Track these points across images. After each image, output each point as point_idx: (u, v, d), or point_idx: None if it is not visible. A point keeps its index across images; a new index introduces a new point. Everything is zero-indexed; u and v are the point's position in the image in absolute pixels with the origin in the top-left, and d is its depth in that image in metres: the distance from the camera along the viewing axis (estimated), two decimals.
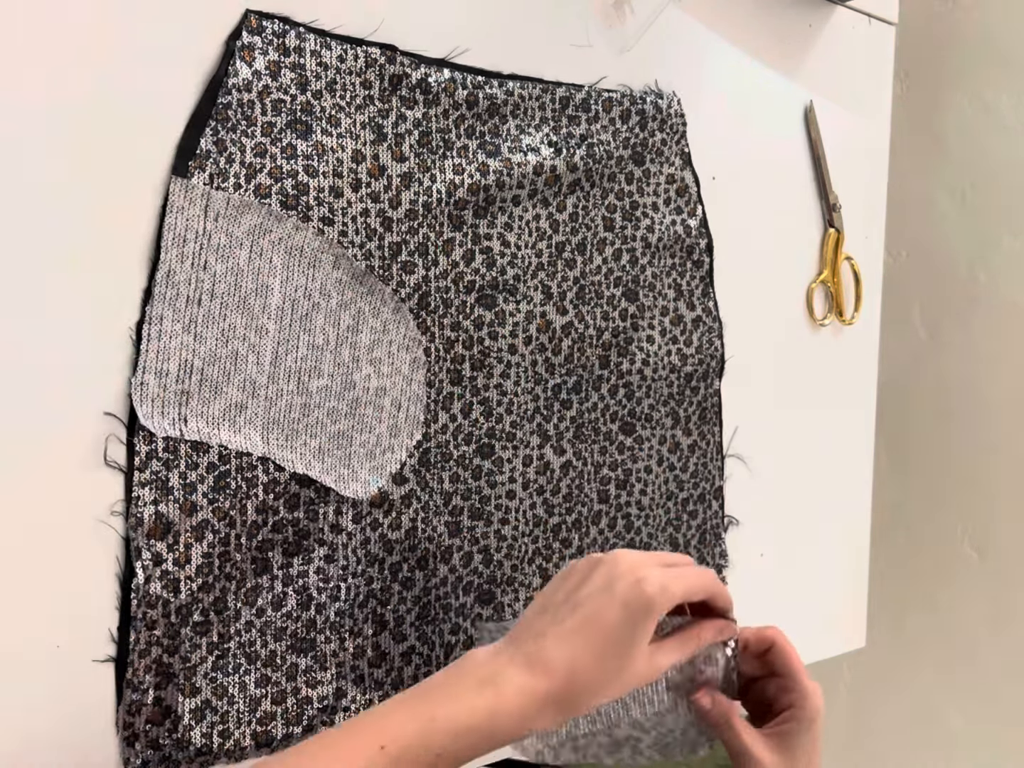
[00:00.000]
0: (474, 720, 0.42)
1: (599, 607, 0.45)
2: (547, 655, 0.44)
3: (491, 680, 0.43)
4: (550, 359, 0.67)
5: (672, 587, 0.45)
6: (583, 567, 0.48)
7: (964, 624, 1.11)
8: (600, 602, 0.45)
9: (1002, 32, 1.04)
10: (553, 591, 0.47)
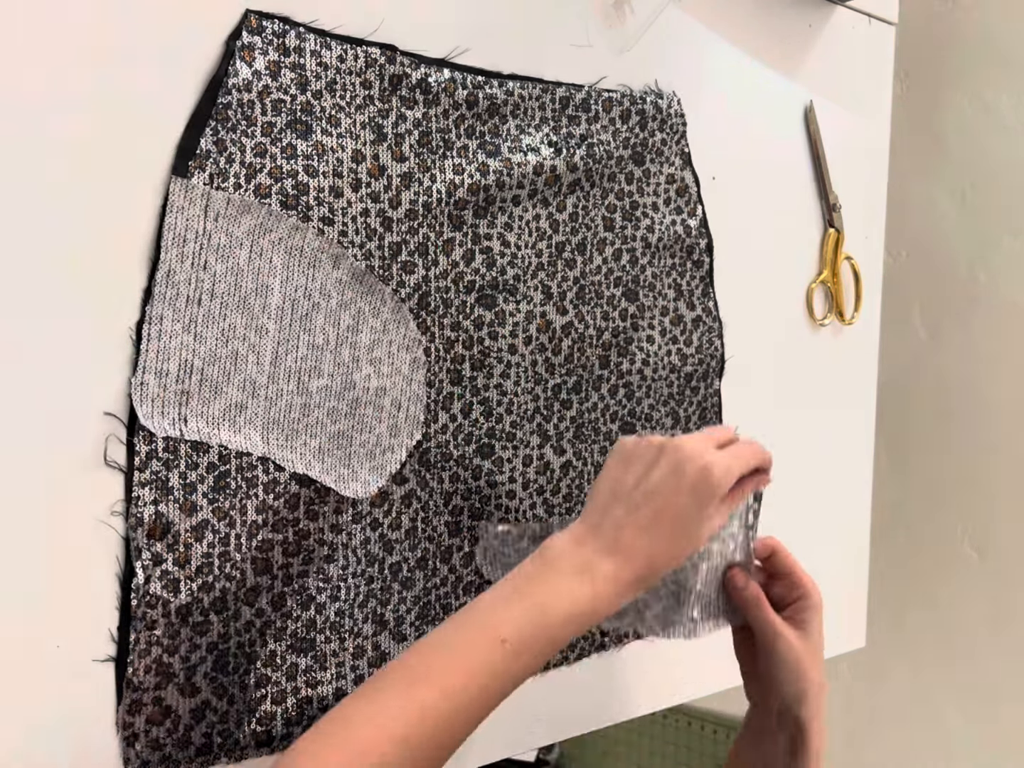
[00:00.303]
0: (577, 608, 0.47)
1: (671, 495, 0.49)
2: (629, 544, 0.48)
3: (586, 570, 0.48)
4: (550, 359, 0.67)
5: (733, 468, 0.50)
6: (646, 453, 0.51)
7: (964, 624, 1.11)
8: (671, 490, 0.49)
9: (1002, 32, 1.04)
10: (620, 477, 0.51)
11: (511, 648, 0.45)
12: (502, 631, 0.45)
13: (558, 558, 0.48)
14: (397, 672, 0.45)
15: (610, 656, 0.73)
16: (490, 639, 0.45)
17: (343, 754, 0.42)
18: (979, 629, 1.10)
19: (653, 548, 0.49)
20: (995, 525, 1.08)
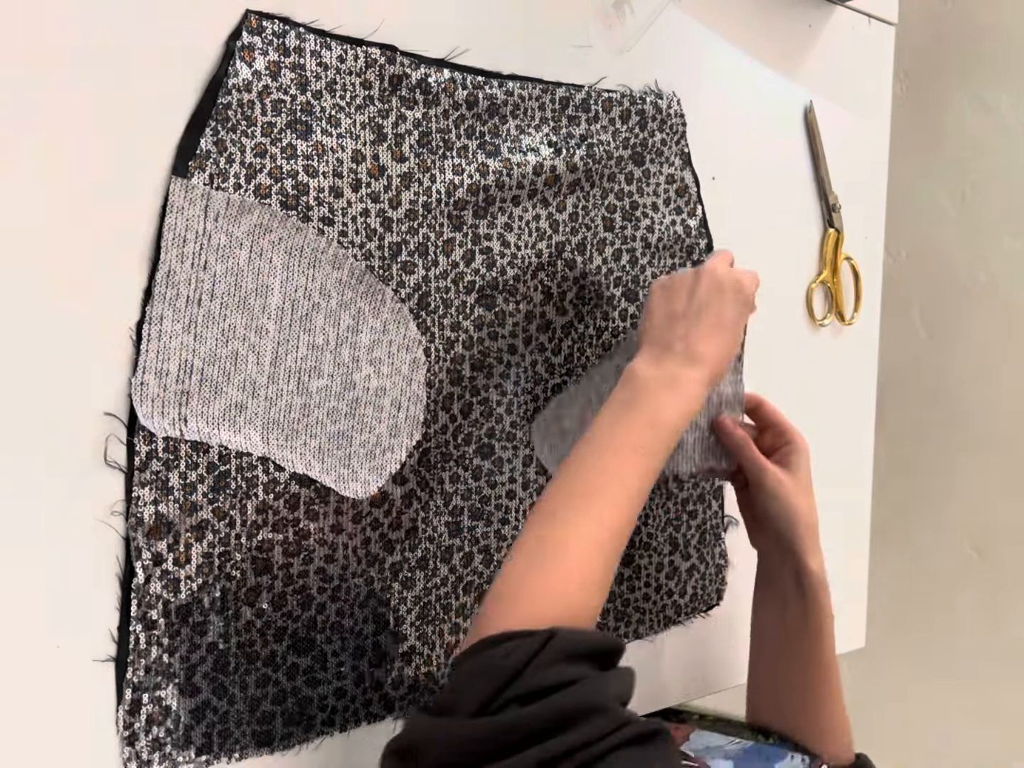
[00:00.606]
0: (677, 414, 0.55)
1: (719, 308, 0.58)
2: (698, 350, 0.57)
3: (673, 383, 0.56)
4: (550, 359, 0.67)
5: (753, 280, 0.61)
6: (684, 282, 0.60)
7: (964, 624, 1.11)
8: (719, 304, 0.58)
9: (1002, 32, 1.04)
10: (670, 305, 0.59)
11: (643, 452, 0.54)
12: (632, 443, 0.54)
13: (648, 381, 0.56)
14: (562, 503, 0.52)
15: None
16: (626, 452, 0.53)
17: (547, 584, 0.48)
18: (979, 629, 1.10)
19: (716, 350, 0.58)
20: (995, 525, 1.08)
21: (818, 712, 0.67)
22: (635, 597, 0.74)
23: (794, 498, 0.65)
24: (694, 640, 0.79)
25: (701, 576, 0.78)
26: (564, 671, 0.43)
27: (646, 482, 0.54)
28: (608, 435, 0.54)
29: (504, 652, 0.44)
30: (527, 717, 0.42)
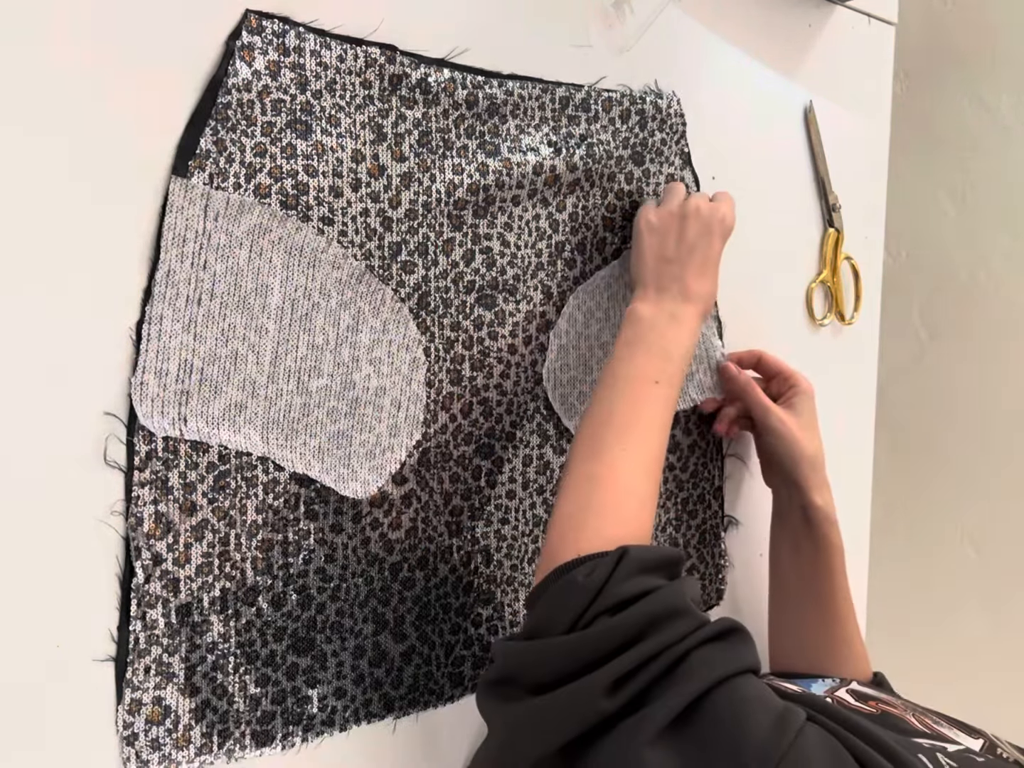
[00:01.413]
0: (684, 347, 0.60)
1: (707, 247, 0.63)
2: (692, 288, 0.62)
3: (674, 319, 0.60)
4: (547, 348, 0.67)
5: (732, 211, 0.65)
6: (672, 222, 0.63)
7: (963, 623, 1.11)
8: (707, 243, 0.63)
9: (1002, 32, 1.04)
10: (661, 245, 0.63)
11: (662, 383, 0.58)
12: (649, 375, 0.58)
13: (652, 319, 0.60)
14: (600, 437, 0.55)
15: None
16: (647, 384, 0.57)
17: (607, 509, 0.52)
18: (978, 628, 1.10)
19: (708, 286, 0.63)
20: (994, 524, 1.08)
21: (836, 640, 0.71)
22: None
23: (797, 436, 0.70)
24: None
25: (701, 576, 0.78)
26: (642, 582, 0.47)
27: (670, 411, 0.59)
28: (626, 371, 0.58)
29: (585, 572, 0.47)
30: (617, 626, 0.45)
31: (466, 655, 0.65)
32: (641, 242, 0.64)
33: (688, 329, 0.61)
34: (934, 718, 0.57)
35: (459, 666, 0.65)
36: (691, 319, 0.61)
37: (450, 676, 0.64)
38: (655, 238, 0.63)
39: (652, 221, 0.64)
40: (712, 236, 0.63)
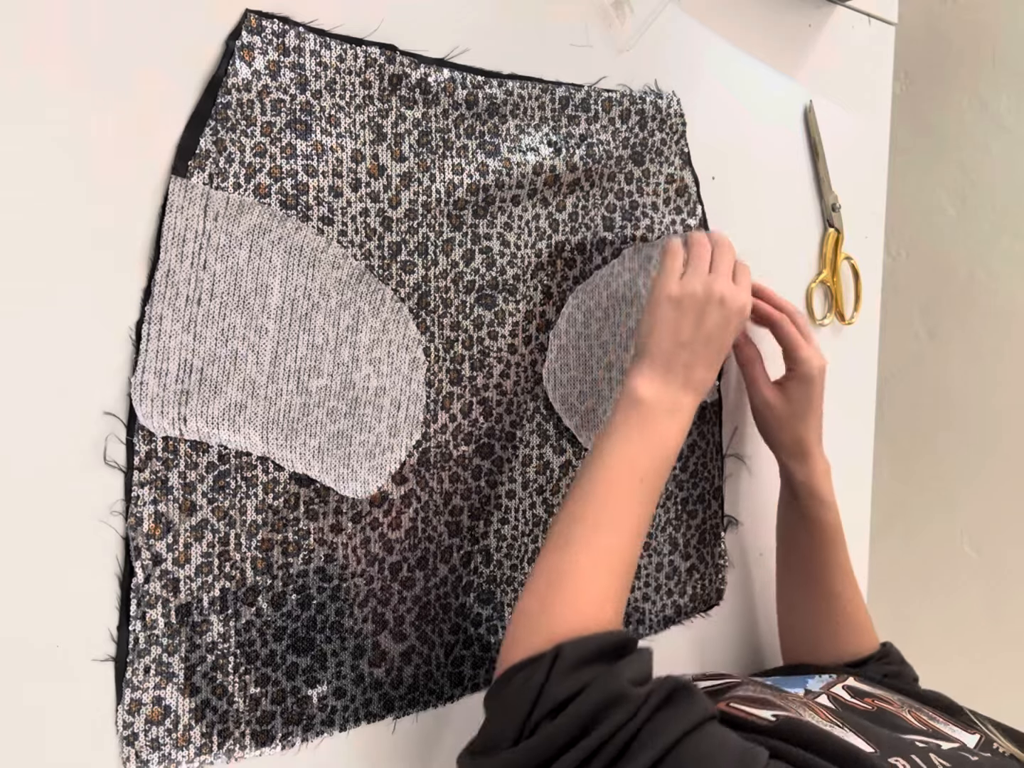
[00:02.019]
0: (678, 439, 0.59)
1: (722, 339, 0.61)
2: (698, 378, 0.60)
3: (676, 409, 0.59)
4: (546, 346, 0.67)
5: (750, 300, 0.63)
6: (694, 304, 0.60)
7: (963, 623, 1.11)
8: (723, 333, 0.61)
9: (1002, 32, 1.04)
10: (678, 326, 0.60)
11: (647, 482, 0.57)
12: (636, 472, 0.56)
13: (653, 405, 0.58)
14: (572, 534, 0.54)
15: None
16: (632, 480, 0.56)
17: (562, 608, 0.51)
18: (978, 628, 1.09)
19: (712, 377, 0.62)
20: (994, 524, 1.08)
21: (836, 615, 0.73)
22: (635, 597, 0.74)
23: (774, 425, 0.72)
24: (694, 640, 0.79)
25: (701, 576, 0.78)
26: (580, 677, 0.47)
27: (651, 507, 0.58)
28: (614, 463, 0.57)
29: (522, 680, 0.48)
30: (557, 729, 0.46)
31: (466, 655, 0.65)
32: (659, 315, 0.61)
33: (684, 425, 0.59)
34: (929, 714, 0.57)
35: (459, 666, 0.65)
36: (689, 412, 0.60)
37: (450, 676, 0.64)
38: (674, 315, 0.60)
39: (675, 296, 0.60)
40: (729, 328, 0.61)
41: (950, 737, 0.54)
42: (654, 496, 0.58)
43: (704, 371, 0.60)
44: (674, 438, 0.59)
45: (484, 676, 0.66)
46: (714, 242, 0.64)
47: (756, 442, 0.82)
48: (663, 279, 0.62)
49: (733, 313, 0.61)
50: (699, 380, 0.60)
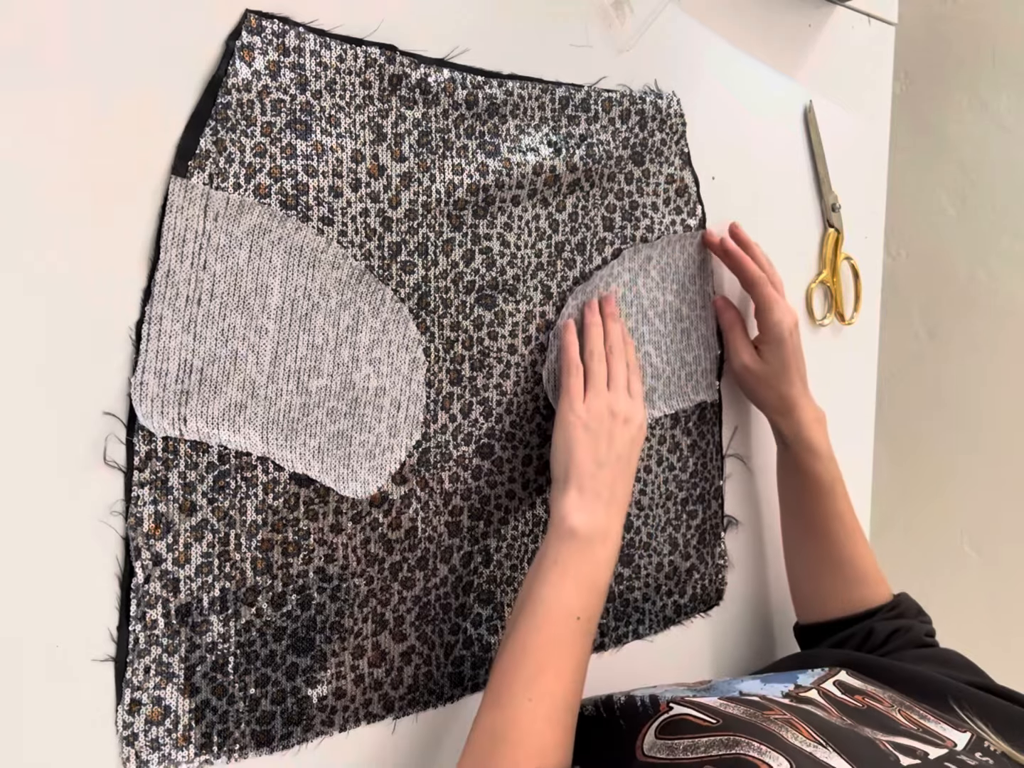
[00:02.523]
0: (609, 571, 0.59)
1: (634, 453, 0.63)
2: (620, 495, 0.61)
3: (607, 534, 0.59)
4: (550, 359, 0.67)
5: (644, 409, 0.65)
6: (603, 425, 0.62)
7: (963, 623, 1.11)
8: (634, 450, 0.63)
9: (1002, 32, 1.04)
10: (595, 447, 0.61)
11: (584, 619, 0.56)
12: (573, 611, 0.56)
13: (587, 536, 0.58)
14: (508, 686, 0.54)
15: (609, 656, 0.73)
16: (569, 620, 0.56)
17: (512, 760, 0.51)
18: (979, 628, 1.09)
19: (630, 492, 0.63)
20: (994, 525, 1.08)
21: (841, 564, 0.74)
22: (635, 597, 0.74)
23: (755, 386, 0.75)
24: (694, 640, 0.79)
25: (701, 576, 0.78)
26: None
27: (589, 645, 0.57)
28: (551, 603, 0.56)
29: None
30: None
31: (466, 655, 0.65)
32: (574, 438, 0.61)
33: (615, 546, 0.60)
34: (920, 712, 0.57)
35: (459, 666, 0.65)
36: (618, 533, 0.60)
37: (450, 676, 0.64)
38: (588, 437, 0.61)
39: (583, 420, 0.62)
40: (636, 444, 0.63)
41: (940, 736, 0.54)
42: (592, 631, 0.57)
43: (624, 487, 0.62)
44: (609, 566, 0.59)
45: (484, 676, 0.66)
46: (609, 347, 0.66)
47: (756, 442, 0.82)
48: (567, 403, 0.63)
49: (636, 429, 0.63)
50: (623, 497, 0.61)
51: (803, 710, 0.56)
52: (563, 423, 0.62)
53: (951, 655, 0.68)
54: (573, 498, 0.59)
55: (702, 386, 0.76)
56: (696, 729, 0.53)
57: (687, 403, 0.75)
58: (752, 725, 0.52)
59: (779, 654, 0.86)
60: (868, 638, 0.71)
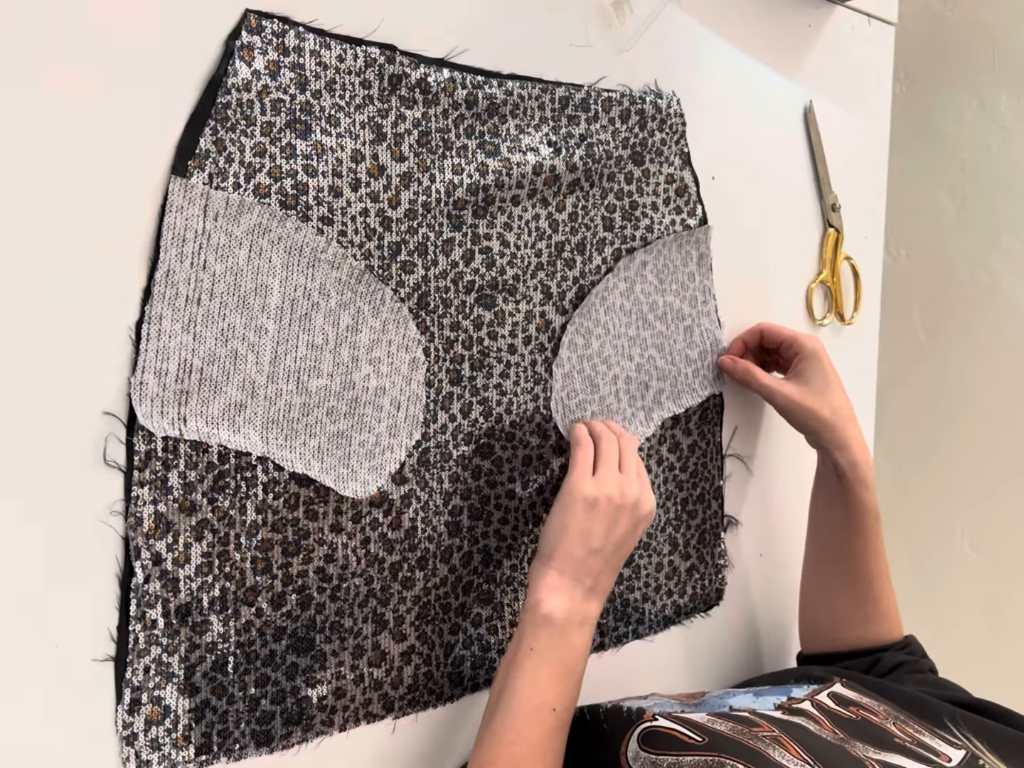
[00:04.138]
0: (584, 659, 0.57)
1: (631, 542, 0.60)
2: (605, 585, 0.59)
3: (585, 621, 0.57)
4: (549, 359, 0.67)
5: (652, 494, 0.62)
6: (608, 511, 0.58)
7: (963, 624, 1.11)
8: (632, 537, 0.60)
9: (1002, 32, 1.04)
10: (589, 530, 0.58)
11: (560, 709, 0.55)
12: (549, 702, 0.55)
13: (564, 623, 0.56)
14: None
15: (609, 656, 0.73)
16: (544, 712, 0.54)
17: None
18: (978, 629, 1.09)
19: (615, 576, 0.61)
20: (994, 525, 1.08)
21: (863, 598, 0.73)
22: (635, 597, 0.74)
23: (808, 407, 0.71)
24: (694, 640, 0.79)
25: (701, 576, 0.78)
26: None
27: (565, 734, 0.56)
28: (526, 696, 0.55)
29: None
30: None
31: (466, 655, 0.65)
32: (571, 516, 0.58)
33: (590, 634, 0.58)
34: (915, 727, 0.56)
35: (459, 666, 0.65)
36: (594, 620, 0.58)
37: (450, 676, 0.64)
38: (587, 518, 0.58)
39: (590, 498, 0.58)
40: (636, 532, 0.60)
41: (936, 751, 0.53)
42: (568, 721, 0.56)
43: (610, 577, 0.59)
44: (585, 651, 0.57)
45: (484, 676, 0.66)
46: (619, 434, 0.64)
47: (756, 442, 0.82)
48: (576, 477, 0.59)
49: (643, 517, 0.60)
50: (605, 586, 0.59)
51: (793, 724, 0.55)
52: (567, 496, 0.59)
53: (949, 682, 0.67)
54: (552, 580, 0.57)
55: (709, 379, 0.76)
56: (682, 746, 0.53)
57: (696, 399, 0.75)
58: (738, 744, 0.51)
59: (778, 654, 0.86)
60: (873, 666, 0.71)
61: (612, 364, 0.70)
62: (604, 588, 0.59)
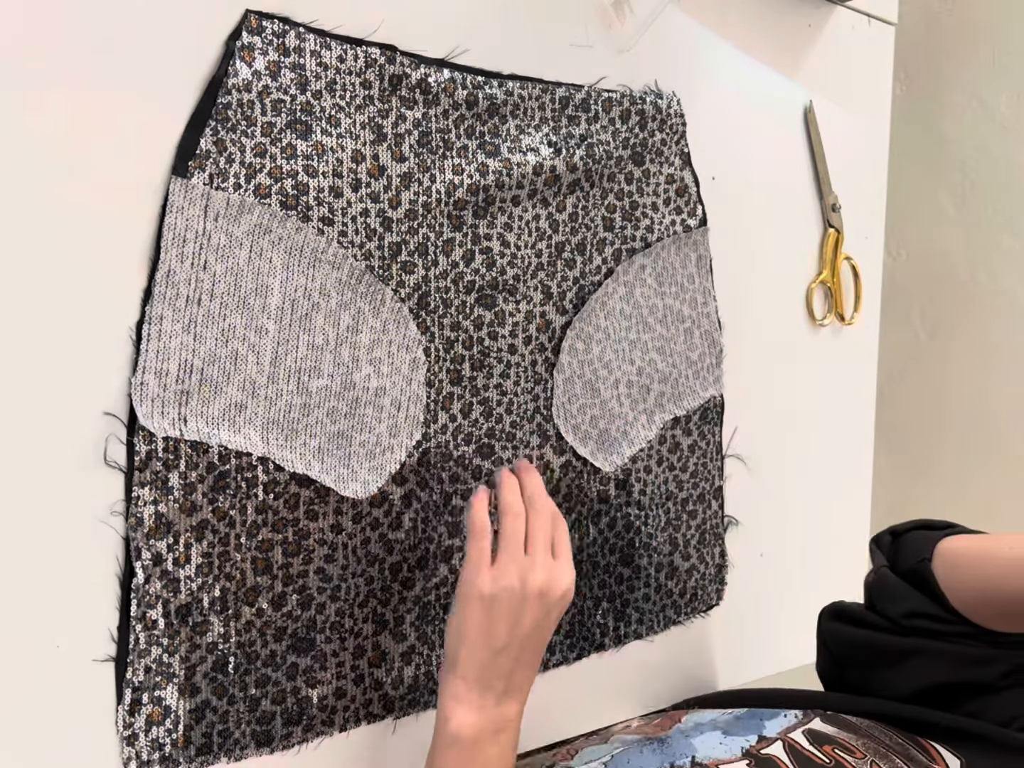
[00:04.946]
0: (515, 748, 0.54)
1: (543, 634, 0.54)
2: (520, 683, 0.54)
3: (503, 728, 0.53)
4: (550, 359, 0.67)
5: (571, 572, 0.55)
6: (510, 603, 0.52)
7: None
8: (544, 627, 0.54)
9: (1002, 32, 1.04)
10: (490, 630, 0.52)
11: None
12: None
13: (475, 738, 0.52)
14: None
15: (609, 656, 0.73)
16: None
17: None
18: None
19: (533, 674, 0.55)
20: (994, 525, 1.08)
21: None
22: (635, 597, 0.74)
23: None
24: (694, 640, 0.79)
25: (701, 576, 0.78)
26: None
27: None
28: None
29: None
30: None
31: None
32: (468, 618, 0.52)
33: (512, 740, 0.53)
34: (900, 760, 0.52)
35: None
36: (515, 722, 0.53)
37: None
38: (486, 618, 0.52)
39: (486, 595, 0.52)
40: (551, 618, 0.54)
41: None
42: None
43: (525, 671, 0.54)
44: (510, 750, 0.53)
45: None
46: (528, 499, 0.56)
47: (756, 442, 0.82)
48: (469, 572, 0.53)
49: (555, 602, 0.53)
50: (519, 684, 0.53)
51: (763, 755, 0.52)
52: (463, 596, 0.53)
53: None
54: (458, 691, 0.52)
55: (709, 381, 0.76)
56: None
57: (697, 400, 0.75)
58: None
59: (778, 654, 0.86)
60: None
61: (613, 368, 0.70)
62: (520, 685, 0.54)
